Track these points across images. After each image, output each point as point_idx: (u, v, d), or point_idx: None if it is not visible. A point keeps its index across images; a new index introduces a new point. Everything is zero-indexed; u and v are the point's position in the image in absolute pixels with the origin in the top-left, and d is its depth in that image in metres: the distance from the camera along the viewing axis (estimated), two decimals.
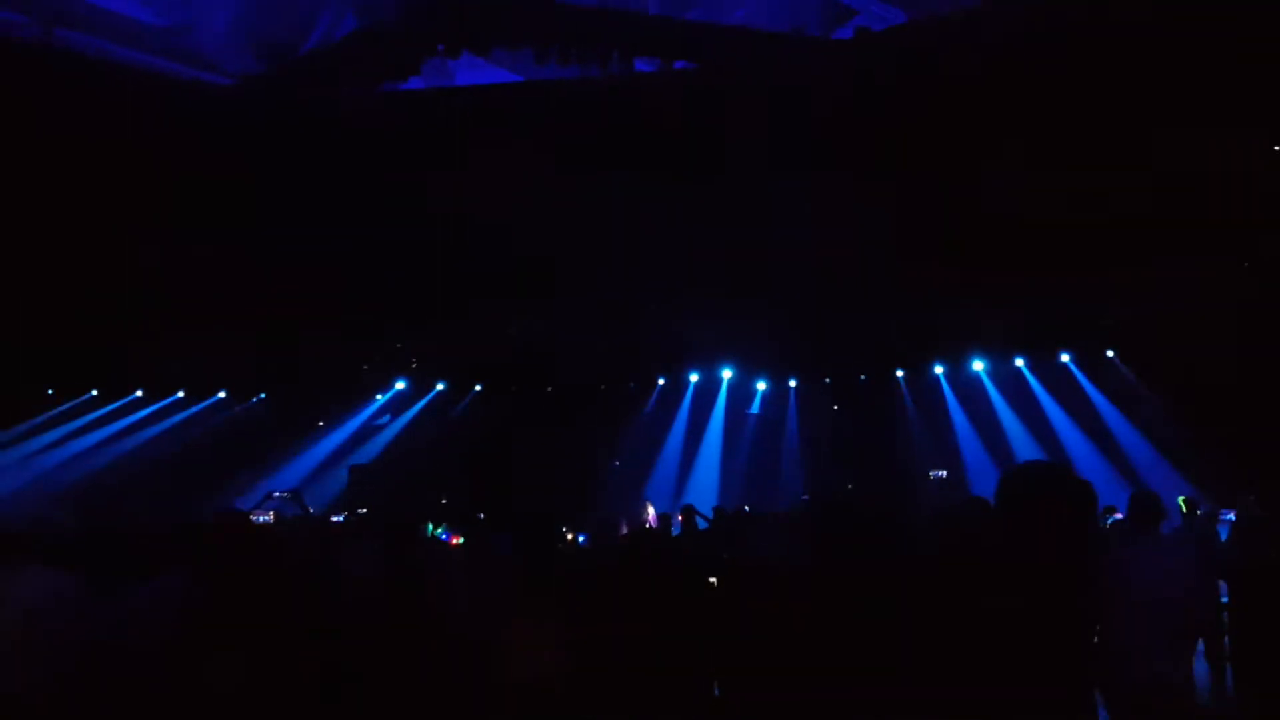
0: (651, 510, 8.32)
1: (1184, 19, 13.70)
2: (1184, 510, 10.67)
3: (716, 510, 12.04)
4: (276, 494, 16.33)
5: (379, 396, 21.85)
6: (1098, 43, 14.33)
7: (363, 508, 16.13)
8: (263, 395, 21.83)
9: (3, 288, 16.74)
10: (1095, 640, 4.72)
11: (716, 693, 6.10)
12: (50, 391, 20.99)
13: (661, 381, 21.05)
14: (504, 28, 18.26)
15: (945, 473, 9.52)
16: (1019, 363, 18.95)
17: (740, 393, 20.68)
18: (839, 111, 16.56)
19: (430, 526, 8.93)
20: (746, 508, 11.46)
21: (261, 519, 12.88)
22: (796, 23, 19.85)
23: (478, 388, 21.61)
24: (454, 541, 8.20)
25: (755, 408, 20.56)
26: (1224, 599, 8.51)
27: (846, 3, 21.22)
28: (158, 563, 5.48)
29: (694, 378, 20.77)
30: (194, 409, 21.58)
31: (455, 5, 18.47)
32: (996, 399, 18.81)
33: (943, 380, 19.40)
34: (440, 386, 21.68)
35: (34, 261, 16.96)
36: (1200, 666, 8.69)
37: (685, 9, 21.21)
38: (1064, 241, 15.61)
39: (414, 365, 21.64)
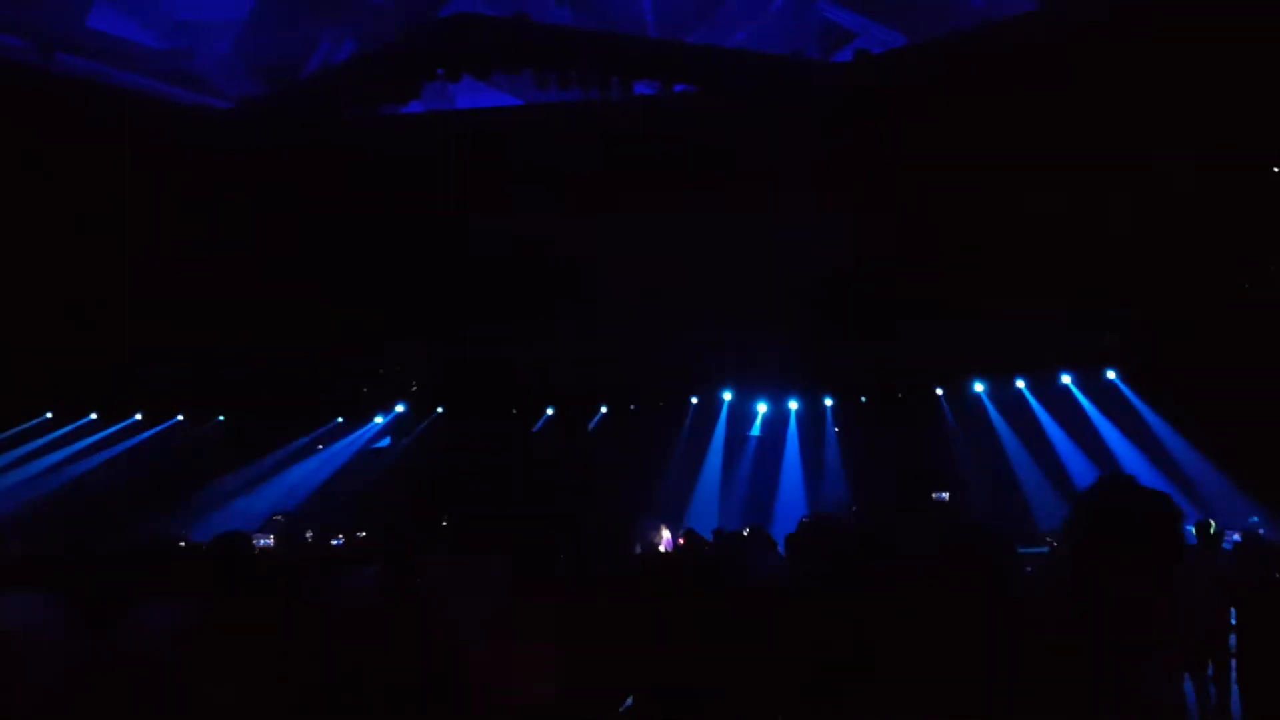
0: (666, 534, 8.03)
1: (1189, 33, 13.75)
2: (1197, 534, 10.56)
3: (716, 532, 11.95)
4: (278, 516, 16.29)
5: (378, 419, 21.80)
6: (1098, 61, 14.36)
7: (362, 530, 16.09)
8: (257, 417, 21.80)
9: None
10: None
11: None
12: (49, 415, 20.95)
13: (661, 404, 21.03)
14: (504, 52, 18.29)
15: (947, 495, 9.37)
16: (1020, 384, 18.89)
17: (740, 414, 20.63)
18: (839, 133, 16.60)
19: None
20: (746, 530, 11.36)
21: (262, 542, 12.81)
22: (796, 46, 19.91)
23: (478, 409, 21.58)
24: None
25: (756, 430, 20.50)
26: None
27: (846, 26, 21.30)
28: (154, 586, 5.43)
29: (694, 400, 20.74)
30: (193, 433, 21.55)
31: (455, 29, 18.53)
32: (997, 420, 18.76)
33: (943, 402, 19.35)
34: (440, 410, 21.63)
35: (31, 283, 16.95)
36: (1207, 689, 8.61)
37: (686, 32, 21.27)
38: (1066, 259, 15.60)
39: (414, 389, 21.60)
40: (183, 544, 11.50)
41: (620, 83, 18.30)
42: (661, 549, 7.64)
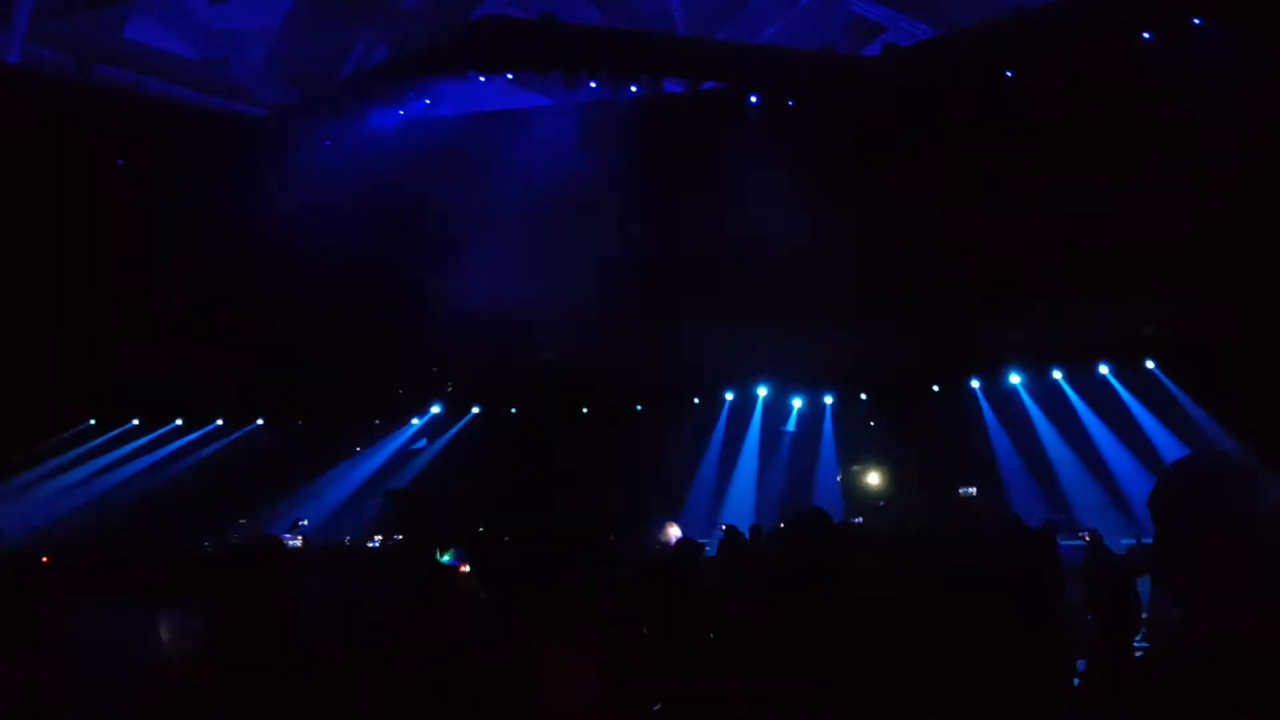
0: (675, 530, 7.97)
1: (1228, 22, 13.61)
2: None
3: (753, 528, 11.98)
4: (303, 522, 16.51)
5: (415, 420, 21.95)
6: (1125, 51, 14.23)
7: (398, 533, 16.18)
8: (300, 422, 22.02)
9: (36, 316, 17.02)
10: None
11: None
12: (92, 421, 21.27)
13: (696, 401, 21.05)
14: (534, 53, 18.38)
15: (975, 490, 9.21)
16: (1057, 375, 18.64)
17: (776, 410, 20.57)
18: (869, 126, 16.57)
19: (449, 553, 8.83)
20: (782, 524, 11.36)
21: (292, 543, 12.93)
22: (826, 41, 19.85)
23: (513, 410, 21.70)
24: (462, 569, 8.04)
25: (791, 425, 20.44)
26: None
27: (875, 19, 21.18)
28: (183, 589, 5.56)
29: (729, 396, 20.73)
30: (232, 436, 21.80)
31: (485, 31, 18.65)
32: (1035, 413, 18.55)
33: (979, 395, 19.19)
34: (475, 410, 21.75)
35: (70, 289, 17.23)
36: None
37: (714, 30, 21.26)
38: (1101, 251, 15.44)
39: (449, 389, 21.73)
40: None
41: (649, 81, 18.36)
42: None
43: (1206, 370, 16.28)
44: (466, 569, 7.88)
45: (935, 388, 19.38)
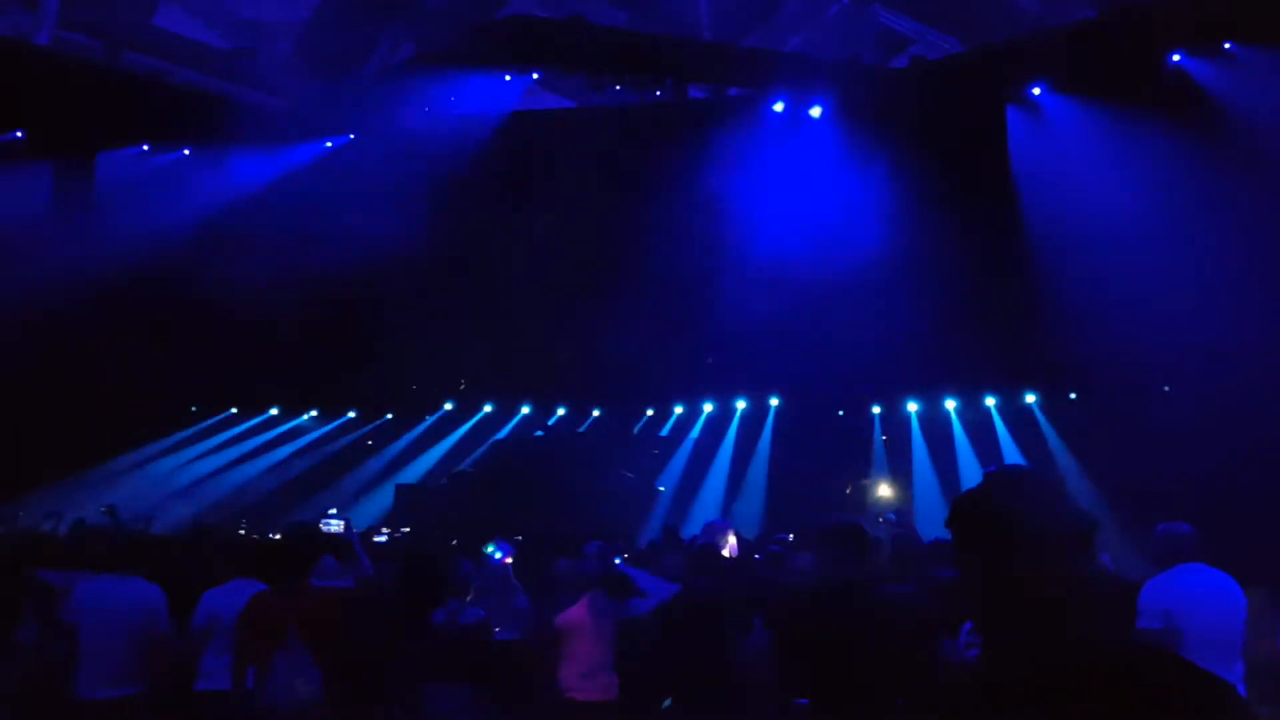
0: (733, 539, 7.75)
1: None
2: None
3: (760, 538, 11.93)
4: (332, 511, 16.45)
5: (427, 417, 21.97)
6: (1146, 64, 14.22)
7: (408, 527, 16.20)
8: (313, 413, 22.08)
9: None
10: None
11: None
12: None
13: (709, 407, 21.04)
14: (558, 54, 18.39)
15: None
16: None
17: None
18: (895, 138, 16.56)
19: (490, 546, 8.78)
20: (790, 536, 11.30)
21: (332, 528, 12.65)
22: (852, 51, 19.80)
23: (525, 409, 21.71)
24: (507, 561, 8.01)
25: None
26: None
27: (903, 32, 21.11)
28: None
29: (741, 404, 20.70)
30: (246, 424, 21.87)
31: (511, 31, 18.66)
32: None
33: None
34: (488, 408, 21.77)
35: None
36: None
37: (742, 36, 21.21)
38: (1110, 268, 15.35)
39: (462, 387, 21.74)
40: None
41: (674, 85, 18.35)
42: (725, 553, 7.47)
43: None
44: (510, 560, 7.85)
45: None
